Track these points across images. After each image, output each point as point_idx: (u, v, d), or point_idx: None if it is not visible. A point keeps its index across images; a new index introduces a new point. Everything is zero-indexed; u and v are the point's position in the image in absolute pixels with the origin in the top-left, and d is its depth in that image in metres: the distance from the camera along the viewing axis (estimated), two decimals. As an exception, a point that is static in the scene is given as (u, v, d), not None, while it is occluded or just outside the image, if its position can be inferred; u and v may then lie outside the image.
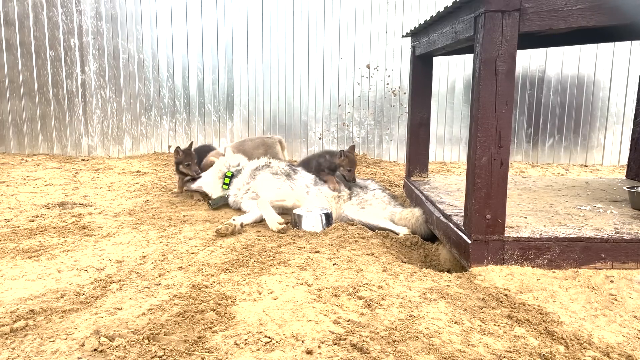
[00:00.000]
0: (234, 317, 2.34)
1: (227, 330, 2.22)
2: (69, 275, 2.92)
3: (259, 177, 4.63)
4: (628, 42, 7.68)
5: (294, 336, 2.16)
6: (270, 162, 4.81)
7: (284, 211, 4.41)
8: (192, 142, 5.25)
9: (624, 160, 7.66)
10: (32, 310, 2.39)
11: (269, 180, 4.54)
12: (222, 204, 4.70)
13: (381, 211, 4.38)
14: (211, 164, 5.18)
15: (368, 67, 8.00)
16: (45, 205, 4.72)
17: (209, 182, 4.97)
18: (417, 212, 4.19)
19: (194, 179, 5.02)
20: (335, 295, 2.56)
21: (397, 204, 4.60)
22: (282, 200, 4.38)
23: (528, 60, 7.90)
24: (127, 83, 7.96)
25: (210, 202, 4.71)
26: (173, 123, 8.09)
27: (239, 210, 4.59)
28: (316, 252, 3.32)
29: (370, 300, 2.50)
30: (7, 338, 2.15)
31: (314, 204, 4.41)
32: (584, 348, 2.13)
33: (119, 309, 2.43)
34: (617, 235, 3.02)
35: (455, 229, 3.29)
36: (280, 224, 3.91)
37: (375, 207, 4.41)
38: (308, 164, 4.92)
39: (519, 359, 2.02)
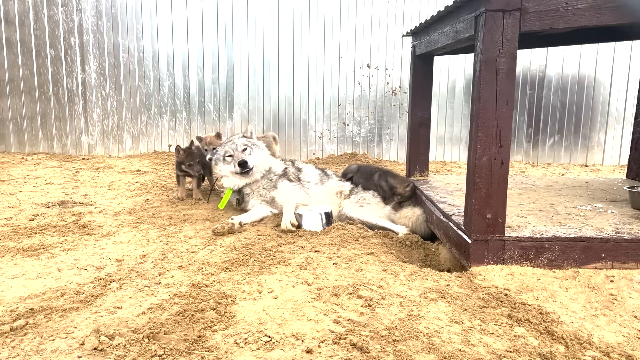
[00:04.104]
0: (234, 316, 2.34)
1: (227, 329, 2.22)
2: (69, 274, 2.92)
3: (280, 185, 4.50)
4: (629, 42, 7.67)
5: (294, 335, 2.15)
6: (286, 170, 4.71)
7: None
8: (192, 141, 5.15)
9: (625, 160, 7.65)
10: (32, 309, 2.39)
11: (290, 190, 4.47)
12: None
13: (380, 210, 4.39)
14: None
15: (368, 66, 8.00)
16: (46, 204, 4.72)
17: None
18: (417, 211, 4.19)
19: (242, 173, 4.54)
20: (336, 295, 2.55)
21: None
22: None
23: (528, 60, 7.90)
24: (128, 82, 7.96)
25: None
26: (173, 122, 8.09)
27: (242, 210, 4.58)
28: (316, 251, 3.32)
29: (370, 300, 2.50)
30: (7, 337, 2.15)
31: (320, 200, 4.43)
32: (584, 348, 2.13)
33: (119, 307, 2.43)
34: (618, 235, 3.02)
35: (455, 228, 3.28)
36: (292, 225, 3.94)
37: (374, 205, 4.41)
38: (368, 179, 4.65)
39: (519, 358, 2.02)
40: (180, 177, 5.09)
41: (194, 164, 4.91)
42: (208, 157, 5.00)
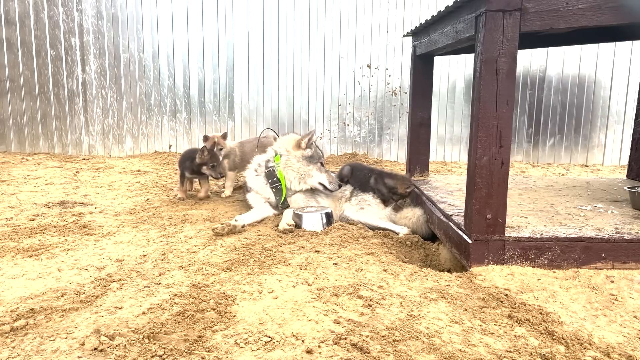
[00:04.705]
0: (234, 316, 2.34)
1: (227, 329, 2.22)
2: (69, 274, 2.92)
3: (294, 196, 4.50)
4: (629, 42, 7.67)
5: (294, 335, 2.15)
6: None
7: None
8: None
9: (625, 161, 7.66)
10: (32, 309, 2.39)
11: (300, 201, 4.49)
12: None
13: (380, 211, 4.38)
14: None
15: (369, 66, 8.00)
16: (46, 204, 4.72)
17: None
18: (417, 211, 4.19)
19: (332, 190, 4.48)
20: (336, 295, 2.55)
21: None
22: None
23: (529, 60, 7.90)
24: (128, 82, 7.96)
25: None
26: (174, 122, 8.09)
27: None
28: (317, 251, 3.32)
29: (370, 300, 2.50)
30: (7, 337, 2.15)
31: (322, 203, 4.44)
32: (585, 348, 2.13)
33: (119, 308, 2.43)
34: (618, 235, 3.01)
35: (455, 228, 3.28)
36: (288, 225, 3.99)
37: (374, 207, 4.40)
38: (364, 184, 4.55)
39: (519, 358, 2.02)
40: (186, 178, 5.06)
41: (217, 166, 4.85)
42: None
